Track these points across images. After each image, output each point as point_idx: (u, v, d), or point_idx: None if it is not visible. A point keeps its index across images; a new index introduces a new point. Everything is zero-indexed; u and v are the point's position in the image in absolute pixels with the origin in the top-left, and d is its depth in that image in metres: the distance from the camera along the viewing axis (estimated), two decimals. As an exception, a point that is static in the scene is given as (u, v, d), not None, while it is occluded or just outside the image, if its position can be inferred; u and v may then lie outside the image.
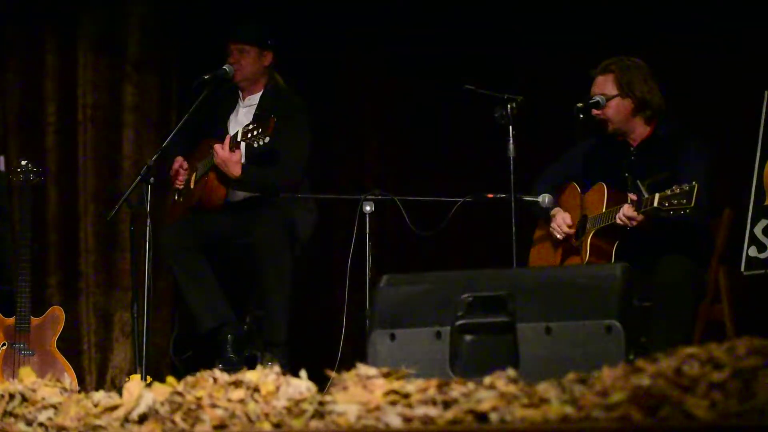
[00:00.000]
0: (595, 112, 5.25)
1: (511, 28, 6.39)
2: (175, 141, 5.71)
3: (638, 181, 4.97)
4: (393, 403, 2.67)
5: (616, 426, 2.40)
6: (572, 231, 5.29)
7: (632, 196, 4.95)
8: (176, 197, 5.96)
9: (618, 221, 5.00)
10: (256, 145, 5.44)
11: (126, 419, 2.96)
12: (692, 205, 4.70)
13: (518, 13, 6.35)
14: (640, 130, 5.30)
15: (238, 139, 5.52)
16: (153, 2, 6.63)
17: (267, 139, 5.41)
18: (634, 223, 4.96)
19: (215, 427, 2.83)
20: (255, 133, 5.42)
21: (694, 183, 4.72)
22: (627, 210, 4.96)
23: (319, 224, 5.91)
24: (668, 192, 4.78)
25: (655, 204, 4.81)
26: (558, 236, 5.32)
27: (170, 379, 3.04)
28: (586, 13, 6.22)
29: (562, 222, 5.31)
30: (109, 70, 6.62)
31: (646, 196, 4.87)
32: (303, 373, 2.92)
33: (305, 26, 6.64)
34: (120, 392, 3.09)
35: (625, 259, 4.98)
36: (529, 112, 5.25)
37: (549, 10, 6.31)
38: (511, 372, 2.70)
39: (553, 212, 5.37)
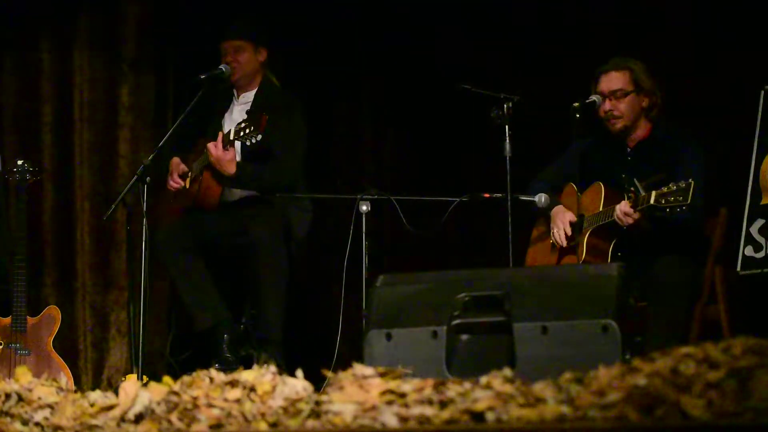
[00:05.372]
0: (607, 107, 5.24)
1: (509, 27, 6.39)
2: (171, 141, 5.72)
3: (635, 180, 4.98)
4: (389, 403, 2.67)
5: (613, 425, 2.40)
6: (565, 244, 5.29)
7: (630, 194, 4.97)
8: (172, 197, 5.96)
9: (615, 218, 5.00)
10: (248, 143, 5.44)
11: (122, 419, 2.96)
12: (689, 201, 4.72)
13: (517, 13, 6.35)
14: (640, 131, 5.33)
15: (231, 137, 5.53)
16: (149, 2, 6.63)
17: (259, 137, 5.41)
18: (630, 220, 4.97)
19: (211, 427, 2.82)
20: (247, 130, 5.43)
21: (690, 180, 4.74)
22: (624, 206, 4.97)
23: (315, 224, 5.91)
24: (665, 189, 4.80)
25: (652, 201, 4.83)
26: (558, 242, 5.32)
27: (166, 378, 3.04)
28: (584, 12, 6.22)
29: (562, 227, 5.30)
30: (106, 69, 6.62)
31: (643, 193, 4.88)
32: (299, 372, 2.92)
33: (302, 25, 6.63)
34: (116, 392, 3.08)
35: (622, 257, 5.00)
36: (525, 111, 5.25)
37: (547, 9, 6.31)
38: (507, 372, 2.70)
39: (554, 211, 5.37)
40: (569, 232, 5.28)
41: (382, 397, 2.69)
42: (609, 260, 5.07)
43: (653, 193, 4.83)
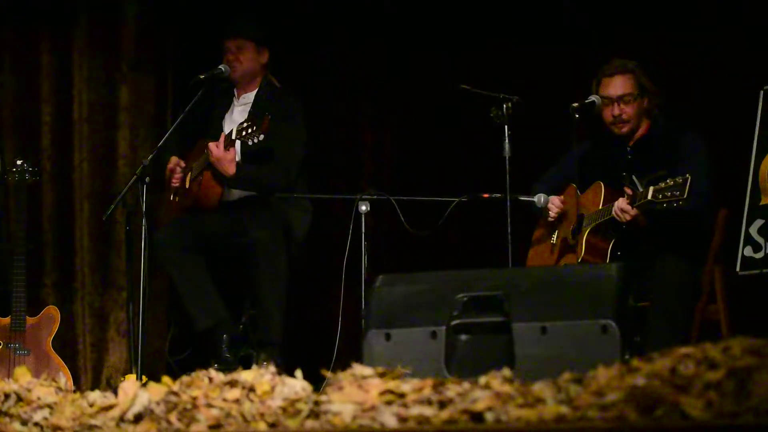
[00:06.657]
0: (615, 111, 5.24)
1: (508, 28, 6.39)
2: (171, 141, 5.72)
3: (633, 177, 4.98)
4: (388, 403, 2.67)
5: (612, 426, 2.40)
6: (563, 206, 5.31)
7: (628, 190, 4.97)
8: (172, 197, 5.96)
9: (614, 214, 5.01)
10: (250, 142, 5.44)
11: (121, 419, 2.96)
12: (685, 197, 4.72)
13: (515, 13, 6.35)
14: (640, 130, 5.33)
15: (233, 137, 5.53)
16: (149, 2, 6.62)
17: (261, 137, 5.41)
18: (629, 217, 4.97)
19: (210, 427, 2.82)
20: (249, 131, 5.42)
21: (687, 175, 4.74)
22: (622, 203, 4.97)
23: (314, 224, 5.91)
24: (662, 185, 4.80)
25: (649, 197, 4.83)
26: (552, 214, 5.34)
27: (166, 378, 3.04)
28: (584, 12, 6.22)
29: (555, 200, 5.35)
30: (105, 69, 6.61)
31: (641, 189, 4.89)
32: (298, 372, 2.92)
33: (301, 25, 6.64)
34: (115, 392, 3.08)
35: (621, 256, 5.00)
36: (525, 112, 5.25)
37: (546, 9, 6.31)
38: (506, 372, 2.70)
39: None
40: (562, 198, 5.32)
41: (382, 398, 2.69)
42: (608, 260, 5.07)
43: (651, 189, 4.84)
